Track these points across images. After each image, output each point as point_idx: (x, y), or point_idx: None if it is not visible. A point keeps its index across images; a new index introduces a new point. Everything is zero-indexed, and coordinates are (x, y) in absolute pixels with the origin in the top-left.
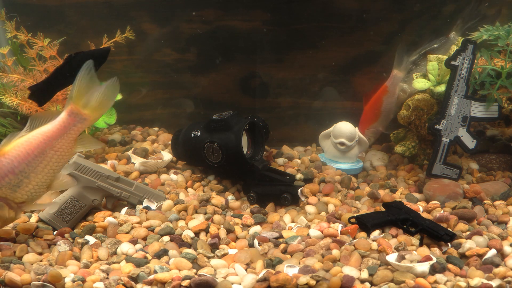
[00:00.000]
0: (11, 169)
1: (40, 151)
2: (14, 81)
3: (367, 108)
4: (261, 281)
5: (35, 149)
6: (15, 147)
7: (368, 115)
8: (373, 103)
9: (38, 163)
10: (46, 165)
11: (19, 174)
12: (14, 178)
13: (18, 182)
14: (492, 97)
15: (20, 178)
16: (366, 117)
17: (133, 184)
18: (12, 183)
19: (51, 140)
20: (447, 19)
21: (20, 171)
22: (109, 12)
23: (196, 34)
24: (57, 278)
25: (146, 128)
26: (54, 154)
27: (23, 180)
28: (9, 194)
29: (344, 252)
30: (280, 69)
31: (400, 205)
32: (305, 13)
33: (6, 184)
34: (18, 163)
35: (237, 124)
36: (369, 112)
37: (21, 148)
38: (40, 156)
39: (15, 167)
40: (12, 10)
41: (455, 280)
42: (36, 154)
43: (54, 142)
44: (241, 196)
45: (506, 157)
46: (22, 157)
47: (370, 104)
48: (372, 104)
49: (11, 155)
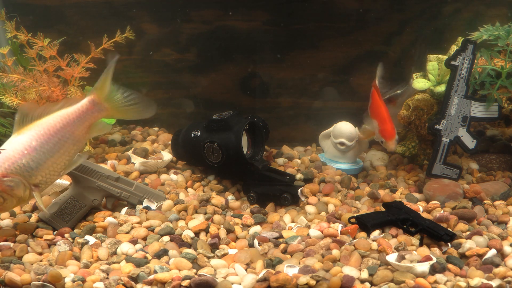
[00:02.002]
0: (28, 147)
1: (58, 132)
2: (14, 81)
3: (386, 116)
4: (261, 281)
5: (53, 130)
6: (34, 126)
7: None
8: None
9: (55, 144)
10: (62, 147)
11: (36, 153)
12: (31, 157)
13: (35, 161)
14: (492, 97)
15: (37, 158)
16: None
17: (133, 184)
18: (28, 162)
19: (70, 123)
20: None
21: (37, 150)
22: (109, 12)
23: (196, 34)
24: (57, 278)
25: (146, 128)
26: (70, 137)
27: (39, 160)
28: (25, 173)
29: (344, 252)
30: (280, 69)
31: (400, 205)
32: (305, 13)
33: (23, 163)
34: (36, 142)
35: (237, 124)
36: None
37: (40, 128)
38: (58, 138)
39: (32, 146)
40: (12, 10)
41: (455, 280)
42: (53, 135)
43: (72, 126)
44: (241, 196)
45: (506, 157)
46: (40, 136)
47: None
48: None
49: (29, 134)
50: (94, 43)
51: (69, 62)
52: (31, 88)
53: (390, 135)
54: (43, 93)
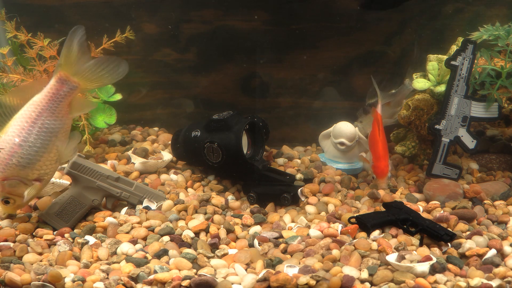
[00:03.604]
0: (14, 146)
1: (36, 122)
2: (14, 81)
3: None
4: (261, 281)
5: (31, 120)
6: (12, 124)
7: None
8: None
9: (38, 134)
10: (46, 135)
11: (22, 149)
12: (19, 155)
13: (24, 157)
14: (492, 97)
15: (25, 153)
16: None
17: (133, 184)
18: (18, 160)
19: (45, 109)
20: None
21: (22, 146)
22: (109, 12)
23: (196, 34)
24: (57, 278)
25: (146, 128)
26: (50, 122)
27: (28, 155)
28: (20, 172)
29: (344, 252)
30: (280, 69)
31: (400, 205)
32: (305, 13)
33: (14, 162)
34: (19, 138)
35: (237, 124)
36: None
37: (18, 122)
38: (38, 127)
39: (17, 143)
40: (12, 10)
41: (455, 280)
42: (33, 126)
43: (48, 111)
44: (241, 196)
45: (506, 157)
46: (21, 131)
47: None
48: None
49: (10, 133)
50: (94, 43)
51: None
52: None
53: (382, 173)
54: None
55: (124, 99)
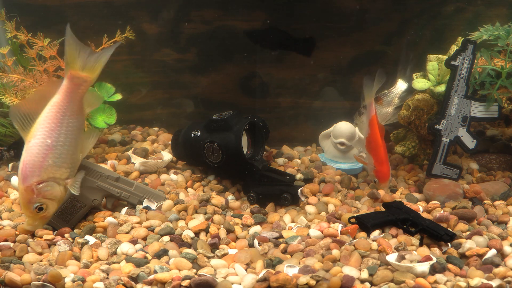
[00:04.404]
0: (47, 147)
1: (62, 121)
2: (14, 81)
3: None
4: (261, 281)
5: (57, 121)
6: (38, 127)
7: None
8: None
9: (66, 133)
10: (71, 133)
11: (55, 149)
12: (54, 154)
13: (58, 157)
14: (492, 97)
15: (58, 153)
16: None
17: (133, 184)
18: (54, 159)
19: (67, 108)
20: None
21: (55, 146)
22: (109, 12)
23: (196, 34)
24: (57, 278)
25: (146, 128)
26: (72, 120)
27: (61, 154)
28: (56, 172)
29: (344, 252)
30: (280, 69)
31: (400, 205)
32: (305, 13)
33: (50, 163)
34: (50, 139)
35: (237, 124)
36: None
37: (45, 124)
38: (64, 126)
39: (49, 144)
40: (12, 10)
41: (455, 280)
42: (59, 126)
43: (69, 110)
44: (241, 196)
45: (506, 157)
46: (51, 132)
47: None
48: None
49: (40, 134)
50: (94, 43)
51: None
52: (31, 88)
53: (385, 177)
54: None
55: (124, 99)
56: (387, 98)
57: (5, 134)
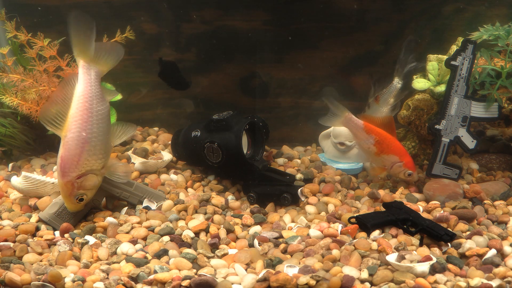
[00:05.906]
0: (83, 140)
1: (92, 111)
2: (14, 81)
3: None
4: (261, 281)
5: (87, 112)
6: (71, 121)
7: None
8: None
9: (98, 122)
10: (102, 121)
11: (91, 141)
12: (90, 147)
13: (93, 149)
14: (492, 97)
15: (93, 145)
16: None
17: (133, 184)
18: (89, 153)
19: (91, 96)
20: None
21: (89, 138)
22: (109, 12)
23: (196, 34)
24: (57, 278)
25: (146, 128)
26: (99, 106)
27: (95, 145)
28: (94, 164)
29: (344, 252)
30: (280, 69)
31: (400, 205)
32: (305, 13)
33: (87, 157)
34: (85, 132)
35: (237, 124)
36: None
37: (78, 118)
38: (95, 116)
39: (85, 137)
40: (12, 10)
41: (455, 280)
42: (90, 116)
43: (96, 98)
44: (241, 196)
45: (506, 157)
46: (84, 125)
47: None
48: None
49: (74, 128)
50: None
51: (69, 62)
52: (31, 88)
53: (414, 165)
54: (43, 93)
55: (124, 99)
56: (383, 97)
57: (5, 134)
